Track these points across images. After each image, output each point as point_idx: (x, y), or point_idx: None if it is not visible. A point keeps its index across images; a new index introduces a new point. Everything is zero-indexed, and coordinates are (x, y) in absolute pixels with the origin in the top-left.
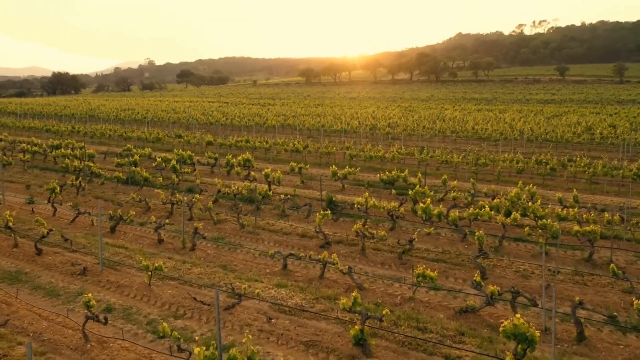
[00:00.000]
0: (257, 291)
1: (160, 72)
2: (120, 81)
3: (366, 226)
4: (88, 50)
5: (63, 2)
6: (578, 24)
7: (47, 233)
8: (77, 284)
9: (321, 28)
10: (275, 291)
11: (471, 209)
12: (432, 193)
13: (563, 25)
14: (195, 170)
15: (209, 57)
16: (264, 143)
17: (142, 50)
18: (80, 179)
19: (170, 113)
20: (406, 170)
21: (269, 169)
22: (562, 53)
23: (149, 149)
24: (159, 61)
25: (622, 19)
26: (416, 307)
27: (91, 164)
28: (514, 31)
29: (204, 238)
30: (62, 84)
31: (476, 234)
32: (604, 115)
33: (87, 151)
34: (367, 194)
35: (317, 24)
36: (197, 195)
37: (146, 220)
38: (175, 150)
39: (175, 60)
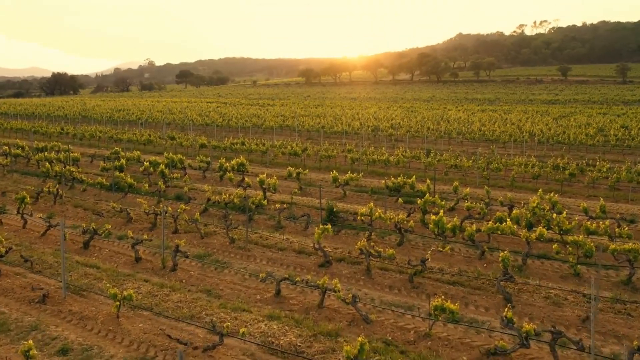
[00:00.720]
0: (242, 330)
1: (160, 73)
2: (119, 81)
3: (371, 242)
4: (88, 51)
5: (63, 3)
6: (579, 24)
7: (7, 251)
8: (34, 315)
9: (321, 28)
10: (265, 324)
11: (490, 222)
12: (442, 202)
13: (564, 25)
14: (185, 175)
15: (209, 58)
16: (261, 145)
17: (142, 51)
18: (58, 185)
19: (166, 114)
20: (413, 177)
21: (265, 175)
22: (564, 53)
23: (138, 152)
24: (159, 62)
25: (624, 19)
26: (434, 346)
27: (73, 169)
28: (514, 31)
29: (187, 257)
30: (60, 84)
31: (500, 254)
32: (612, 116)
33: (72, 154)
34: (372, 204)
35: (317, 24)
36: (182, 206)
37: (126, 233)
38: (166, 154)
39: (175, 60)
